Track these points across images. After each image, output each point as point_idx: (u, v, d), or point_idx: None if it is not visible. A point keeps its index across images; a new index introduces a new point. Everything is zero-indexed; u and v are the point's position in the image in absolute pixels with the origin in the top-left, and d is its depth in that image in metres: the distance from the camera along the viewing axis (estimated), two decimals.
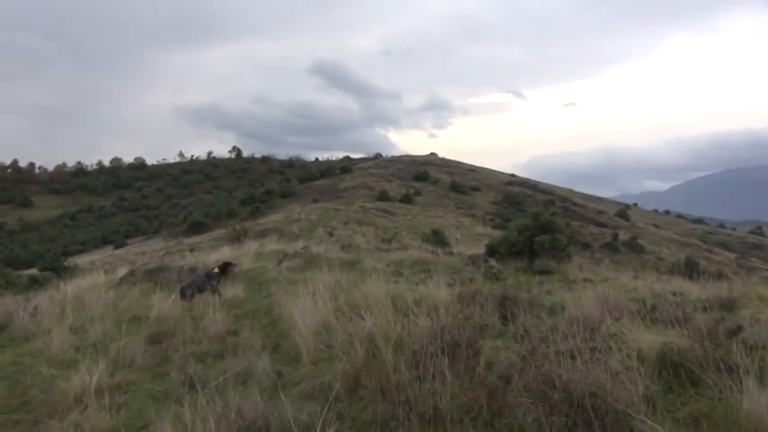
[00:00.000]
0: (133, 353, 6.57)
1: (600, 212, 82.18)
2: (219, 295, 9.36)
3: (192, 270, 12.78)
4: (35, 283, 19.50)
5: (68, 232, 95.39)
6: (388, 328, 5.56)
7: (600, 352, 4.30)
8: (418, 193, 71.11)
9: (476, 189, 78.71)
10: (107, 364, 6.17)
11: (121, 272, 16.05)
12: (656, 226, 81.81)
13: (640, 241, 62.75)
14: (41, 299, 10.82)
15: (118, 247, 73.83)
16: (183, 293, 9.39)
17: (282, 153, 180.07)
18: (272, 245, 16.76)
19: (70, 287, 13.23)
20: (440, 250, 12.90)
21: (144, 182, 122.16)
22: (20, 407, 5.43)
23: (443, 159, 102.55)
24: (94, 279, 15.43)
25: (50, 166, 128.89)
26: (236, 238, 35.04)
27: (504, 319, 6.14)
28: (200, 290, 9.52)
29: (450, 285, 8.87)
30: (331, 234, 30.30)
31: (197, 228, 64.33)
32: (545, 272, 9.78)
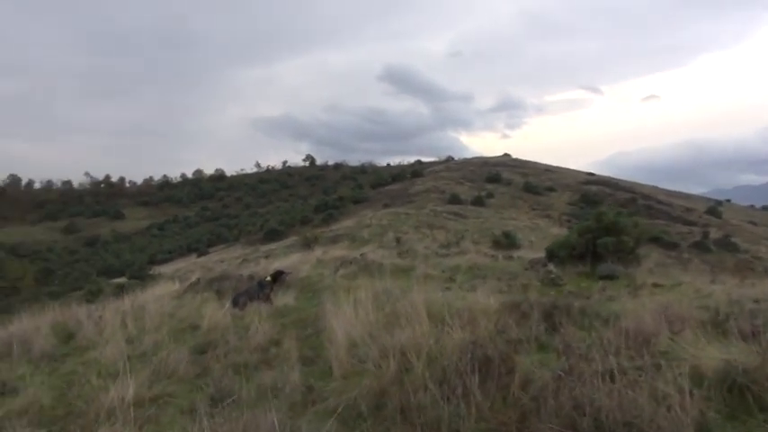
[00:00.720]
0: (176, 364, 6.60)
1: (688, 210, 77.39)
2: (271, 303, 9.36)
3: (251, 278, 12.94)
4: (121, 291, 20.57)
5: (156, 242, 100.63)
6: (422, 340, 5.26)
7: (646, 372, 3.80)
8: (491, 195, 69.68)
9: (551, 189, 76.25)
10: (148, 376, 6.24)
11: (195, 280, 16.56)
12: (753, 223, 76.08)
13: (734, 240, 58.59)
14: (109, 308, 11.24)
15: (201, 255, 76.93)
16: (235, 302, 9.47)
17: (355, 159, 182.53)
18: (336, 251, 16.76)
19: (137, 296, 13.77)
20: (500, 255, 12.37)
21: (224, 192, 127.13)
22: (62, 418, 5.53)
23: (516, 160, 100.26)
24: (168, 287, 16.03)
25: (139, 180, 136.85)
26: (307, 245, 35.67)
27: (553, 330, 5.69)
28: (253, 298, 9.55)
29: (502, 293, 8.44)
30: (398, 240, 30.08)
31: (273, 235, 65.99)
32: (609, 277, 9.10)
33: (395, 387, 4.63)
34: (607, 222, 10.22)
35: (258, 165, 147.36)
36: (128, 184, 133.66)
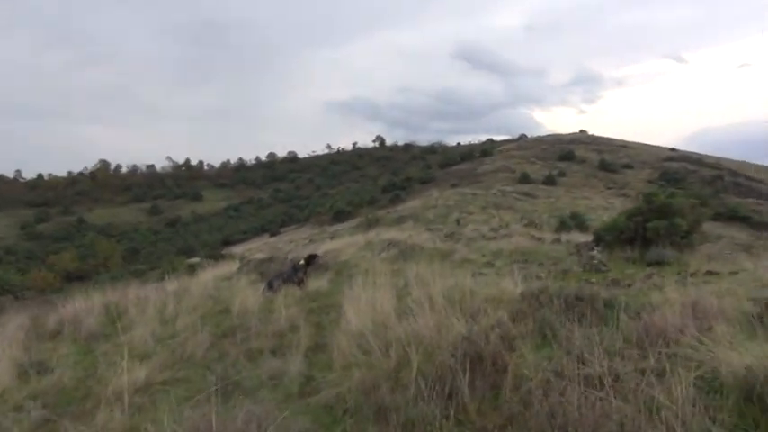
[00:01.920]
0: (194, 348, 6.66)
1: None
2: (304, 287, 9.32)
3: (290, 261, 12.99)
4: (192, 270, 21.41)
5: (232, 223, 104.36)
6: (426, 332, 4.99)
7: (647, 377, 3.37)
8: (563, 174, 67.39)
9: (628, 167, 72.76)
10: (164, 360, 6.32)
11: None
12: None
13: None
14: (160, 289, 11.59)
15: (273, 235, 79.09)
16: (270, 285, 9.50)
17: (427, 139, 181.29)
18: (390, 233, 16.59)
19: (194, 277, 14.18)
20: (549, 237, 11.76)
21: (296, 174, 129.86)
22: (78, 400, 5.68)
23: (592, 137, 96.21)
24: (226, 268, 16.47)
25: (216, 163, 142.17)
26: (369, 226, 35.87)
27: (579, 323, 5.26)
28: (287, 282, 9.54)
29: (538, 279, 7.98)
30: (458, 222, 29.59)
31: (341, 216, 66.77)
32: (659, 263, 8.39)
33: (389, 382, 4.41)
34: (658, 204, 9.42)
35: (329, 146, 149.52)
36: (206, 168, 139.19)
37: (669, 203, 9.47)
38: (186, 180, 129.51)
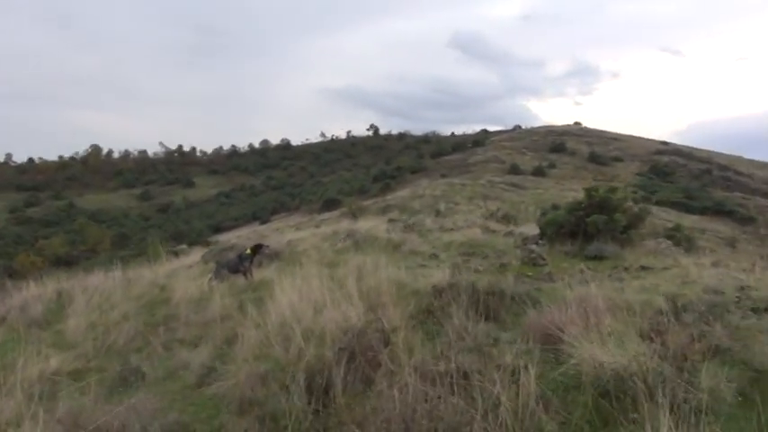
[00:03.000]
0: (120, 337, 6.67)
1: None
2: (250, 276, 9.32)
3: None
4: (173, 256, 21.33)
5: (224, 209, 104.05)
6: (332, 326, 5.01)
7: (501, 373, 3.39)
8: (553, 166, 67.48)
9: (618, 159, 72.88)
10: (84, 350, 6.33)
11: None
12: None
13: None
14: (111, 277, 11.54)
15: (263, 222, 78.90)
16: (217, 275, 9.50)
17: (421, 129, 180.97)
18: (366, 223, 16.55)
19: (159, 266, 14.11)
20: (503, 230, 11.78)
21: (289, 161, 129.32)
22: None
23: (584, 129, 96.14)
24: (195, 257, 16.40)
25: (209, 150, 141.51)
26: (353, 215, 35.85)
27: (486, 318, 5.28)
28: (234, 271, 9.53)
29: (477, 272, 8.01)
30: (438, 212, 29.59)
31: (330, 204, 66.67)
32: (598, 257, 8.43)
33: (281, 375, 4.43)
34: (598, 199, 9.44)
35: (323, 134, 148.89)
36: (198, 154, 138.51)
37: (609, 198, 9.48)
38: (178, 166, 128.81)
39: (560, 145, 76.63)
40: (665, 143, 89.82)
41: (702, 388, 3.23)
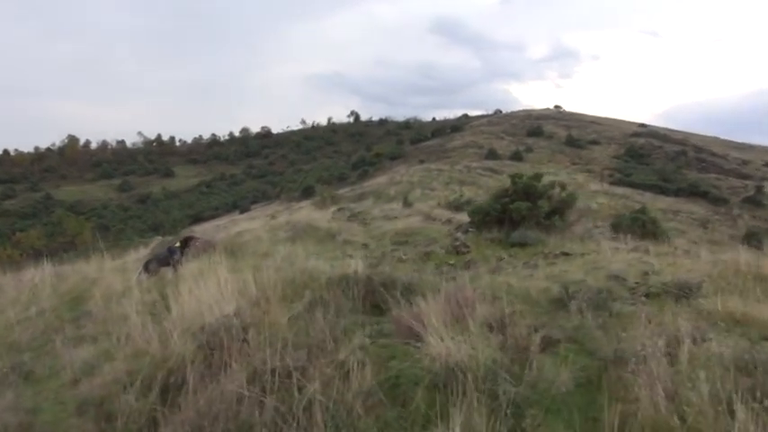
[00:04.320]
0: (24, 334, 6.60)
1: (744, 163, 72.90)
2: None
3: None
4: (144, 247, 21.14)
5: (204, 199, 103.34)
6: (211, 321, 4.96)
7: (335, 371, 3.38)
8: (530, 150, 67.67)
9: (595, 143, 73.27)
10: None
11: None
12: None
13: None
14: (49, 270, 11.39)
15: (243, 211, 78.42)
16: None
17: (404, 114, 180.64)
18: (310, 213, 16.51)
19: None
20: (444, 217, 11.80)
21: (270, 150, 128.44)
22: None
23: (562, 112, 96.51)
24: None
25: (189, 139, 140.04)
26: (323, 203, 35.79)
27: (377, 309, 5.28)
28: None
29: (401, 261, 8.01)
30: (406, 200, 29.60)
31: (309, 192, 66.36)
32: (522, 244, 8.47)
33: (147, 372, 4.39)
34: (522, 185, 9.45)
35: (303, 121, 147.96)
36: (178, 143, 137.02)
37: (533, 185, 9.50)
38: (158, 156, 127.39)
39: (538, 129, 76.87)
40: (643, 125, 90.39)
41: (527, 380, 3.24)
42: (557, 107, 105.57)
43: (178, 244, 9.63)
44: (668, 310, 5.02)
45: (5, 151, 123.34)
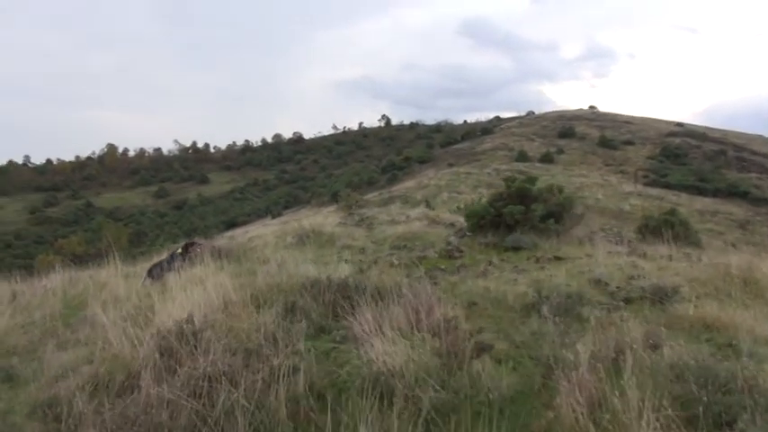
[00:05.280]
0: (23, 339, 6.84)
1: None
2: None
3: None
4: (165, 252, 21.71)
5: (238, 205, 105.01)
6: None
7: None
8: (561, 152, 66.70)
9: (629, 143, 71.72)
10: None
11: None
12: None
13: None
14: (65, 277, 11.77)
15: (275, 217, 79.36)
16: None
17: (434, 117, 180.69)
18: (321, 218, 16.61)
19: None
20: (448, 221, 11.73)
21: (302, 155, 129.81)
22: None
23: (595, 113, 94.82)
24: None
25: (223, 146, 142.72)
26: (348, 208, 35.97)
27: (335, 316, 5.29)
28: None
29: (393, 266, 8.03)
30: (428, 203, 29.54)
31: (338, 197, 66.56)
32: (515, 248, 8.37)
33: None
34: (515, 189, 9.33)
35: (335, 127, 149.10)
36: (212, 150, 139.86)
37: (527, 189, 9.38)
38: (193, 163, 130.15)
39: (570, 130, 75.69)
40: (680, 125, 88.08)
41: (454, 386, 3.22)
42: (591, 107, 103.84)
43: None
44: (639, 315, 4.92)
45: (48, 160, 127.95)
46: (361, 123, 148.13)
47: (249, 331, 4.36)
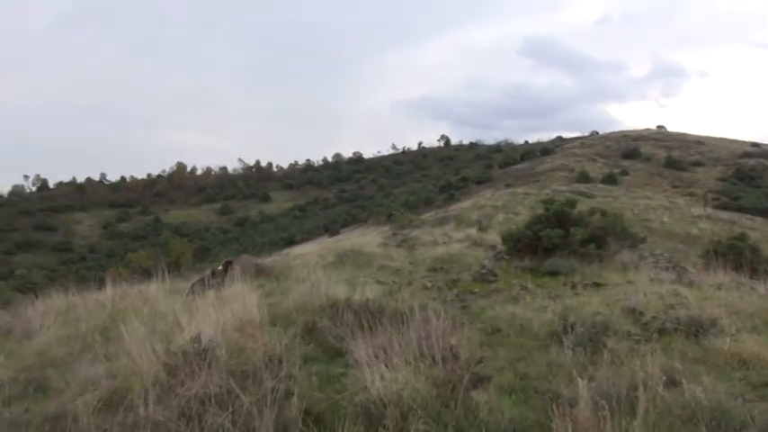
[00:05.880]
0: (63, 350, 7.14)
1: None
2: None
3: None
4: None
5: (298, 223, 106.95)
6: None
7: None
8: (625, 173, 64.48)
9: (698, 164, 68.57)
10: (32, 362, 6.82)
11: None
12: None
13: None
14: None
15: (332, 235, 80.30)
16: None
17: (496, 138, 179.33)
18: (364, 238, 16.70)
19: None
20: (490, 243, 11.48)
21: (361, 174, 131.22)
22: None
23: (662, 132, 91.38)
24: None
25: (285, 164, 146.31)
26: (401, 227, 36.02)
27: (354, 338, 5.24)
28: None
29: (426, 288, 7.92)
30: (480, 224, 29.11)
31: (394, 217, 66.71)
32: (553, 273, 8.07)
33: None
34: (553, 212, 8.98)
35: (394, 146, 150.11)
36: (275, 169, 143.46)
37: (566, 211, 9.03)
38: (256, 181, 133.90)
39: (635, 150, 73.19)
40: (756, 145, 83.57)
41: (443, 419, 3.09)
42: (659, 127, 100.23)
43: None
44: (670, 348, 4.62)
45: (122, 178, 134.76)
46: (420, 143, 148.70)
47: (258, 352, 4.36)
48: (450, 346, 3.96)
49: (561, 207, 9.22)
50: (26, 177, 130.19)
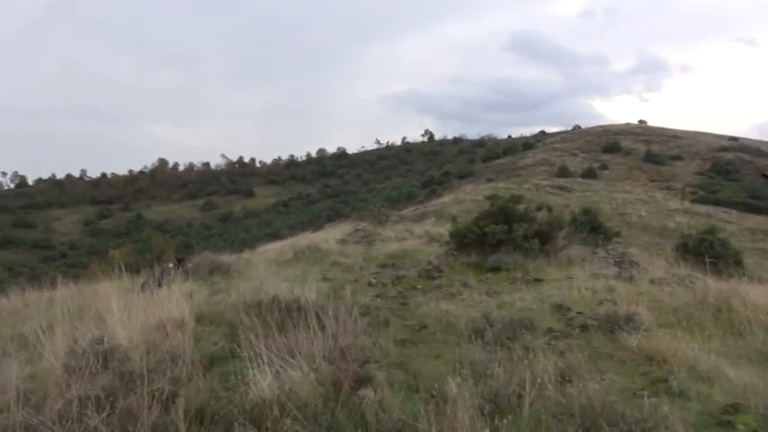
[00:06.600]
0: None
1: None
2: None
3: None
4: None
5: (281, 218, 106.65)
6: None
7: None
8: (605, 167, 64.98)
9: (677, 158, 69.28)
10: None
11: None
12: None
13: None
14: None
15: (315, 230, 79.75)
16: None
17: (480, 132, 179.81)
18: (323, 235, 16.63)
19: None
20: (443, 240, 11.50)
21: (345, 169, 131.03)
22: None
23: (642, 127, 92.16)
24: None
25: (268, 160, 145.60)
26: (380, 222, 35.98)
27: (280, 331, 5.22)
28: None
29: (370, 285, 7.91)
30: (455, 219, 29.15)
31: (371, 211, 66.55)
32: (496, 269, 8.10)
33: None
34: (498, 208, 9.02)
35: (378, 141, 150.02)
36: (258, 164, 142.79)
37: (510, 208, 9.07)
38: (239, 177, 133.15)
39: (615, 144, 73.75)
40: (733, 139, 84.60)
41: (322, 419, 3.08)
42: (641, 122, 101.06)
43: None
44: (588, 345, 4.65)
45: (103, 174, 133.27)
46: (404, 138, 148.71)
47: (164, 353, 4.32)
48: (341, 346, 3.96)
49: (506, 203, 9.25)
50: (4, 174, 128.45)
